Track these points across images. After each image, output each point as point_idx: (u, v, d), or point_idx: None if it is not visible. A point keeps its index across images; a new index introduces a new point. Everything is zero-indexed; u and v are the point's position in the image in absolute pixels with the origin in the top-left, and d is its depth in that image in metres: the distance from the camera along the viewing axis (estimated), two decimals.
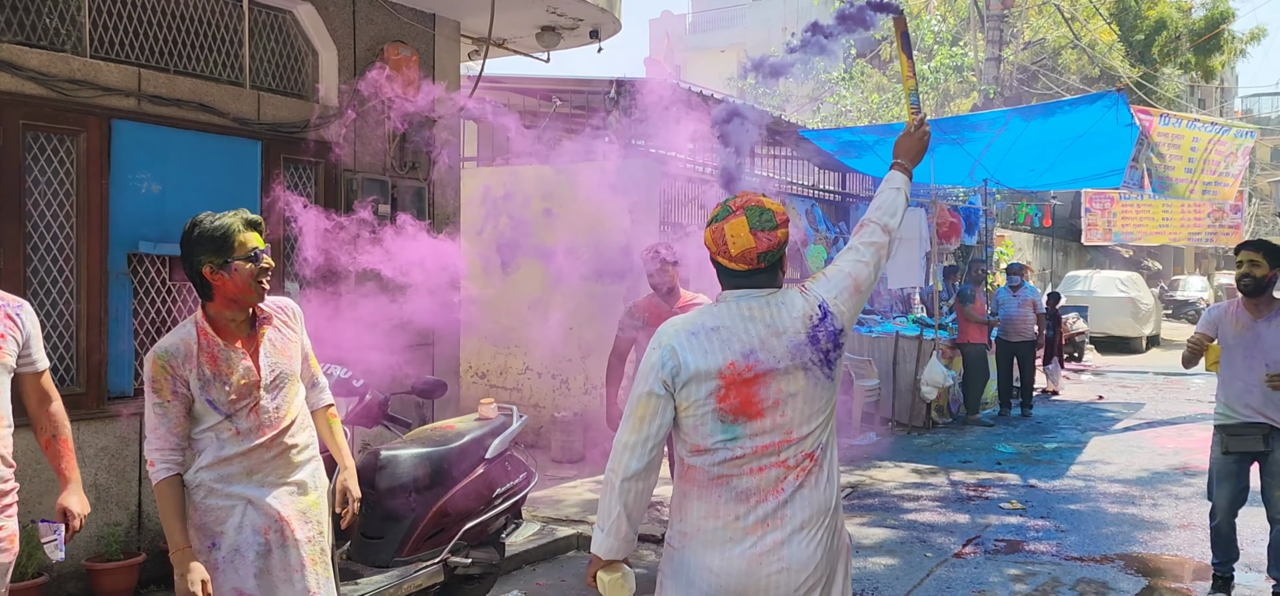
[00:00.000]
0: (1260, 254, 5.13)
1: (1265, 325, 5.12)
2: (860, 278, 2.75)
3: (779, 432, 2.58)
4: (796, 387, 2.59)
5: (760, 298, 2.63)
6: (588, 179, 9.43)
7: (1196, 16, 27.85)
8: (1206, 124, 12.49)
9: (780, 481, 2.58)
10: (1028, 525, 7.17)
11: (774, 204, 2.67)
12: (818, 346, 2.61)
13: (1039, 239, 25.43)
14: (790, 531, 2.57)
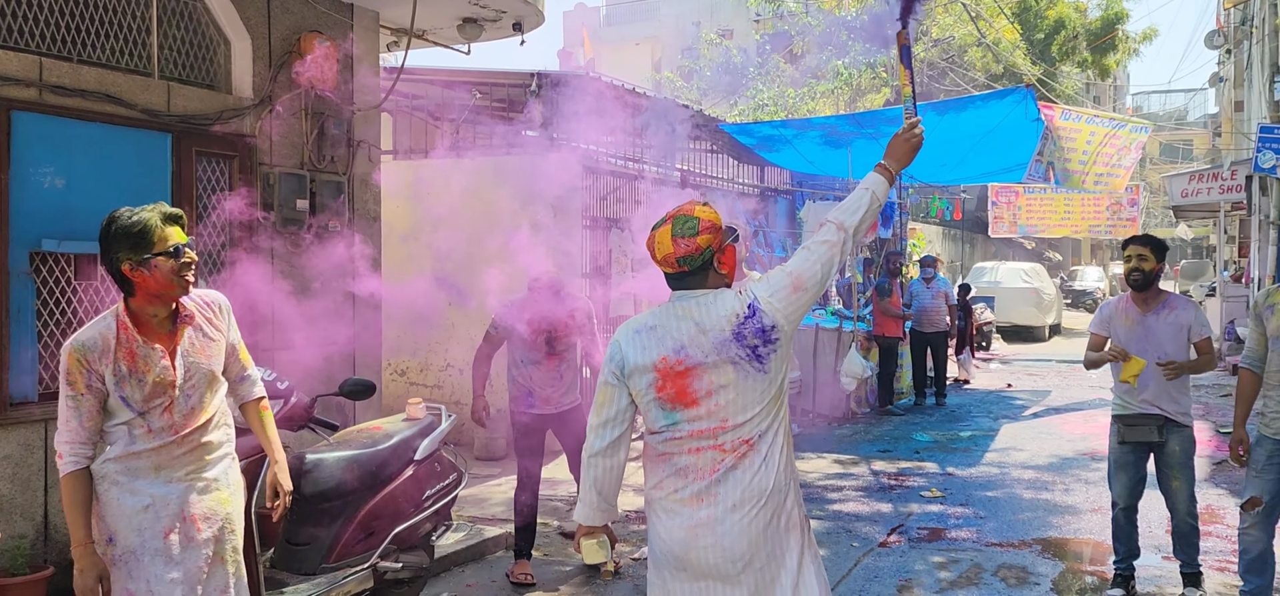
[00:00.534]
0: (1148, 248, 5.29)
1: (1154, 318, 5.27)
2: (804, 275, 2.90)
3: (714, 419, 2.83)
4: (726, 380, 2.81)
5: (694, 298, 2.88)
6: (509, 173, 9.32)
7: (1093, 17, 28.88)
8: (1104, 119, 12.97)
9: (716, 463, 2.83)
10: (948, 512, 7.34)
11: (706, 212, 2.90)
12: (743, 342, 2.82)
13: (949, 231, 26.10)
14: (723, 509, 2.82)
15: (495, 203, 9.28)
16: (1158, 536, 6.51)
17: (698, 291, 2.90)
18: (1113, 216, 18.70)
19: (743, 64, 18.94)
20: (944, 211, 19.26)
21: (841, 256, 2.96)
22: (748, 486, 2.83)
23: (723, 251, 2.93)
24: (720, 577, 2.86)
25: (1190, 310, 5.31)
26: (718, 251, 2.91)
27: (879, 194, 3.05)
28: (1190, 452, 5.30)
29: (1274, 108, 14.37)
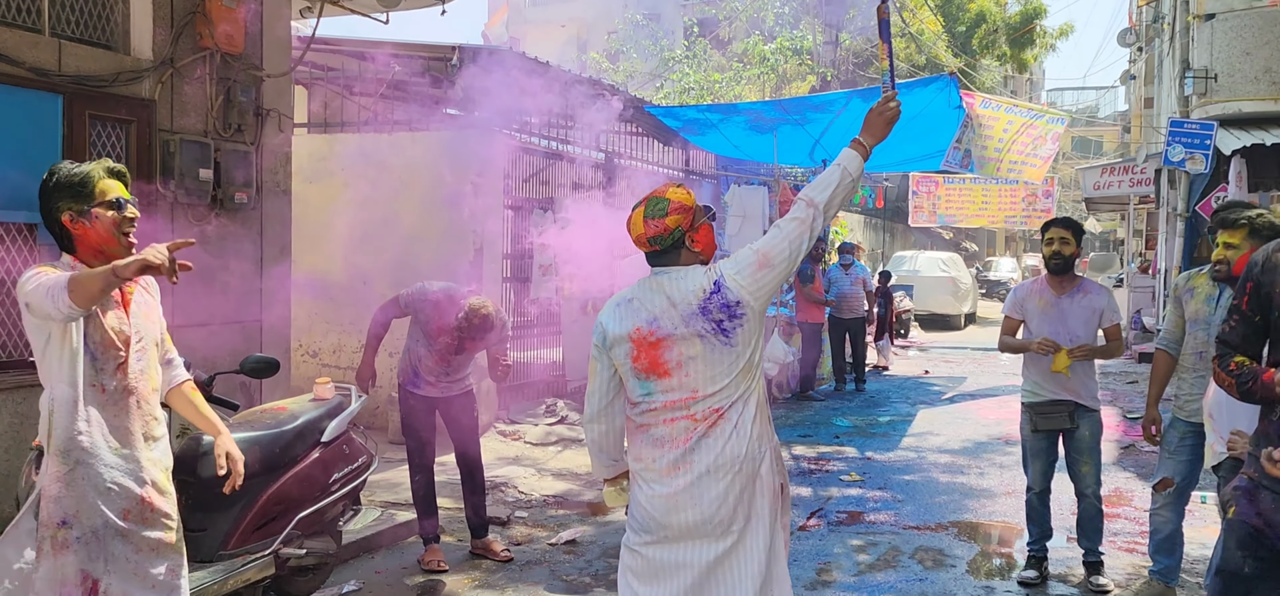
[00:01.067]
0: (1069, 232, 5.33)
1: (1068, 301, 5.32)
2: (772, 252, 3.02)
3: (685, 390, 3.00)
4: (695, 351, 2.98)
5: (668, 273, 3.06)
6: (428, 149, 9.08)
7: (1012, 12, 29.48)
8: (1022, 109, 13.17)
9: (689, 432, 3.00)
10: (867, 496, 7.36)
11: (678, 194, 3.08)
12: (709, 316, 2.98)
13: (870, 220, 26.43)
14: (696, 476, 2.98)
15: (413, 179, 9.03)
16: (1069, 518, 6.61)
17: (672, 268, 3.06)
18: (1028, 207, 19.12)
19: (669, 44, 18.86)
20: (867, 199, 19.48)
21: (813, 233, 3.05)
22: (720, 453, 2.98)
23: (696, 230, 3.09)
24: (701, 536, 3.01)
25: (1104, 296, 5.36)
26: (689, 230, 3.07)
27: (851, 169, 3.11)
28: (1099, 437, 5.37)
29: (1184, 103, 14.80)
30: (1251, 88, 13.71)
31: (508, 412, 9.54)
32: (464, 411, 5.86)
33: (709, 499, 2.98)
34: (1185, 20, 15.54)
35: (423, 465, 5.77)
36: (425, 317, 5.57)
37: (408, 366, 5.72)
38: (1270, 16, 13.74)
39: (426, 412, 5.76)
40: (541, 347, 10.57)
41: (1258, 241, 4.04)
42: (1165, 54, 19.82)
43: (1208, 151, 13.22)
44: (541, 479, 7.89)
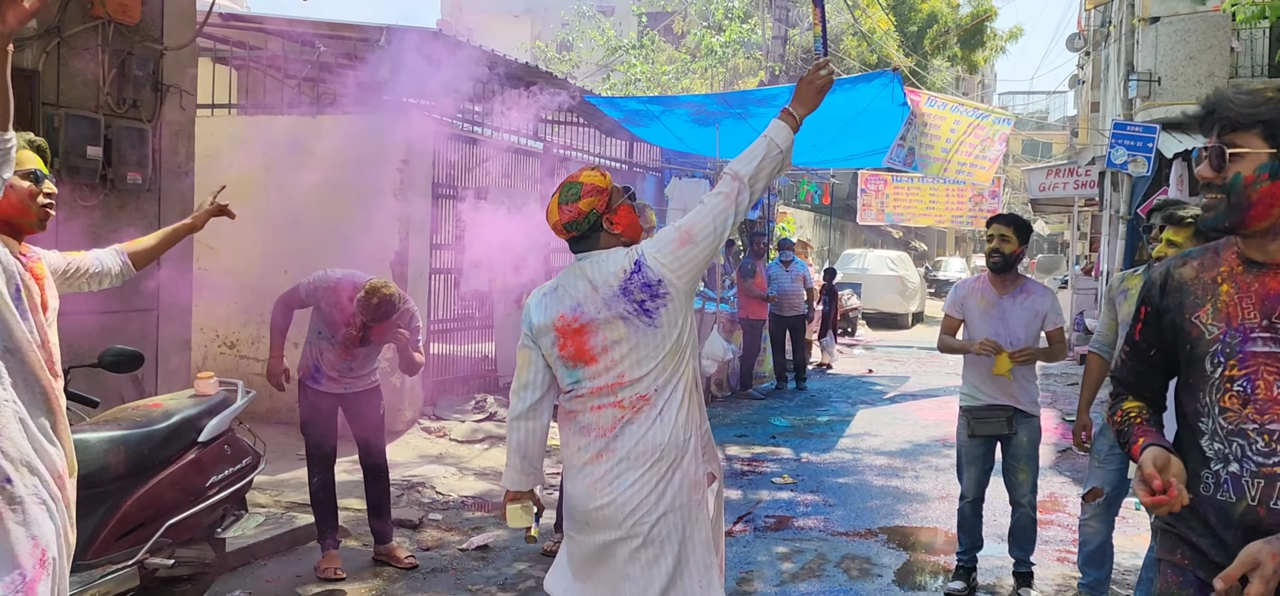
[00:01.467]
0: (1011, 229, 5.10)
1: (1010, 302, 5.09)
2: (695, 228, 2.93)
3: (612, 375, 2.92)
4: (619, 335, 2.90)
5: (589, 257, 2.98)
6: (353, 133, 8.69)
7: (964, 13, 29.56)
8: (969, 108, 13.08)
9: (616, 420, 2.92)
10: (798, 500, 7.14)
11: (591, 176, 3.01)
12: (630, 297, 2.89)
13: (818, 217, 26.35)
14: (616, 462, 2.91)
15: (338, 164, 8.64)
16: (1002, 525, 6.43)
17: (593, 251, 2.99)
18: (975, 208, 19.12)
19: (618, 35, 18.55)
20: (813, 195, 19.32)
21: (738, 207, 2.96)
22: (641, 440, 2.90)
23: (614, 212, 3.00)
24: (614, 528, 2.93)
25: (1047, 298, 5.13)
26: (606, 213, 2.98)
27: (779, 141, 3.00)
28: (1037, 443, 5.16)
29: (1128, 105, 14.82)
30: (1194, 91, 13.73)
31: (434, 408, 9.20)
32: (369, 408, 5.53)
33: (625, 485, 2.91)
34: (1130, 23, 15.57)
35: (323, 466, 5.45)
36: (327, 307, 5.23)
37: (308, 360, 5.39)
38: (1213, 21, 13.78)
39: (328, 410, 5.44)
40: (471, 341, 10.23)
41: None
42: (1111, 57, 19.92)
43: (1150, 154, 13.21)
44: (463, 478, 7.57)
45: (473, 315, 10.46)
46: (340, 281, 5.24)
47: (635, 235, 3.06)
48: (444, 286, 9.74)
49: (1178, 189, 12.99)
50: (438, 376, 9.60)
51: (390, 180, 8.55)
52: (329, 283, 5.24)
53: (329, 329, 5.25)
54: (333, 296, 5.20)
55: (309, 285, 5.28)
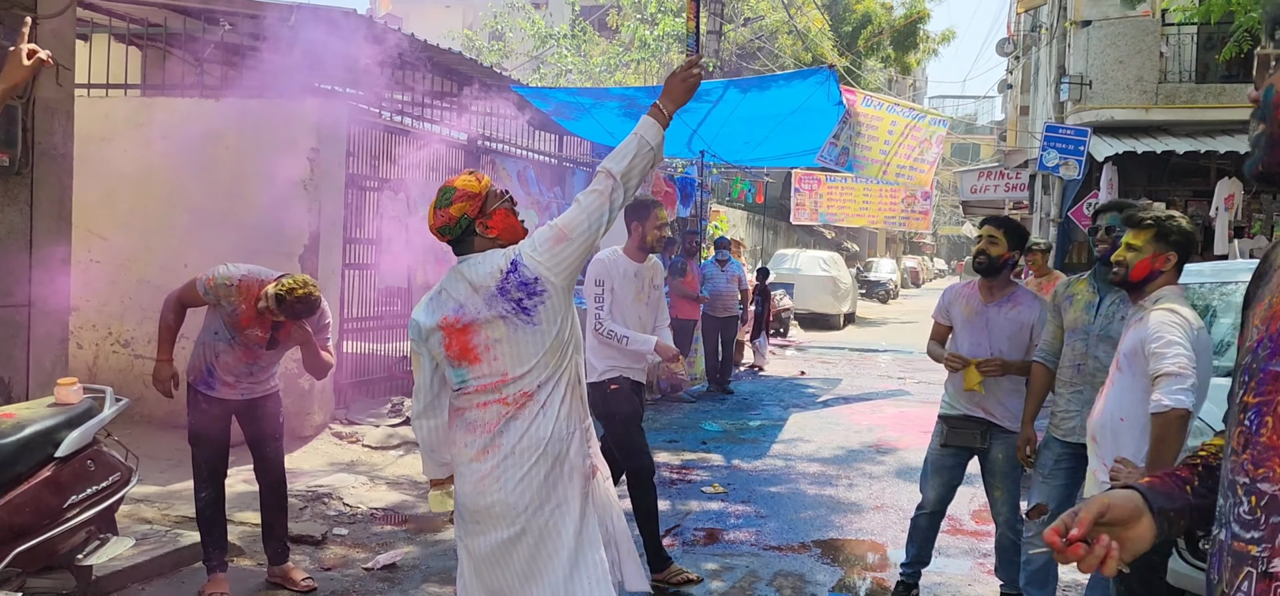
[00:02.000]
0: (1001, 231, 4.76)
1: (995, 310, 4.78)
2: (570, 227, 2.99)
3: (496, 373, 2.99)
4: (500, 334, 2.97)
5: (468, 260, 3.06)
6: (261, 117, 8.14)
7: (897, 15, 29.68)
8: (904, 108, 12.93)
9: (500, 416, 2.98)
10: (729, 511, 6.81)
11: (464, 181, 3.07)
12: (507, 297, 2.95)
13: (752, 216, 26.19)
14: (501, 458, 2.96)
15: (245, 150, 8.10)
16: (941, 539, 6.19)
17: (471, 254, 3.06)
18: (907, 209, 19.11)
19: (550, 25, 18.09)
20: (747, 194, 19.11)
21: (613, 205, 3.02)
22: (525, 434, 2.96)
23: (489, 217, 3.07)
24: (505, 525, 2.98)
25: (1036, 308, 4.77)
26: (479, 217, 3.05)
27: (650, 137, 3.07)
28: (1015, 461, 4.79)
29: (1059, 108, 14.83)
30: (1124, 95, 13.78)
31: (346, 412, 8.69)
32: (268, 417, 5.06)
33: (512, 481, 2.97)
34: (1062, 26, 15.61)
35: (213, 480, 4.96)
36: (231, 305, 4.74)
37: (200, 364, 4.90)
38: (1144, 26, 13.84)
39: (221, 419, 4.95)
40: (388, 341, 9.73)
41: (1163, 247, 3.55)
42: (1042, 61, 20.06)
43: (1081, 157, 13.21)
44: (374, 488, 7.09)
45: (390, 313, 9.96)
46: (246, 278, 4.77)
47: (513, 237, 3.11)
48: (359, 282, 9.23)
49: (1109, 192, 13.01)
50: (351, 378, 9.09)
51: (300, 169, 8.02)
52: (232, 279, 4.75)
53: (230, 329, 4.77)
54: (238, 293, 4.72)
55: (209, 281, 4.79)
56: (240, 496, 6.27)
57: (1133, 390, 3.43)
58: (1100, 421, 3.52)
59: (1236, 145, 12.44)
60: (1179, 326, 3.32)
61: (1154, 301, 3.50)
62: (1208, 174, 13.12)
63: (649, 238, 5.28)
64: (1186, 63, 14.09)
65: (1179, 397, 3.16)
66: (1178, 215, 3.62)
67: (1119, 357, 3.54)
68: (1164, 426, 3.19)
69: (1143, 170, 13.79)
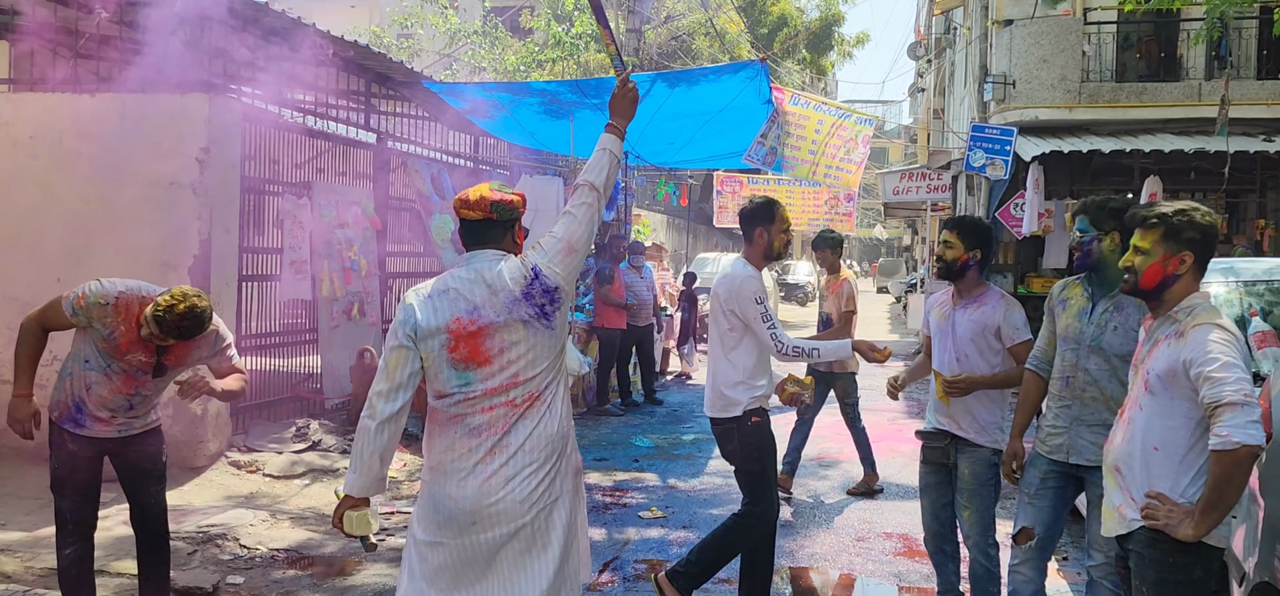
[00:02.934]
0: (955, 233, 4.43)
1: (961, 312, 4.43)
2: (573, 238, 3.17)
3: (506, 376, 3.02)
4: (518, 337, 3.03)
5: (484, 259, 3.11)
6: (143, 115, 7.33)
7: (811, 17, 29.69)
8: (831, 108, 12.62)
9: (508, 418, 3.03)
10: (669, 538, 6.28)
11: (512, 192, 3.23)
12: (533, 302, 3.05)
13: (672, 220, 25.79)
14: (510, 458, 3.01)
15: (124, 152, 7.29)
16: (900, 565, 5.77)
17: (487, 253, 3.12)
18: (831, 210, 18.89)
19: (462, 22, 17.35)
20: (671, 197, 18.67)
21: (598, 216, 3.24)
22: (533, 433, 3.04)
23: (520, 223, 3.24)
24: (506, 521, 3.02)
25: (999, 308, 4.40)
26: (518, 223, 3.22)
27: (615, 151, 3.34)
28: (984, 478, 4.39)
29: (982, 109, 14.72)
30: (1048, 95, 13.71)
31: (245, 438, 7.90)
32: (148, 456, 4.38)
33: (520, 479, 3.03)
34: (984, 26, 15.54)
35: (79, 533, 4.26)
36: (106, 327, 4.04)
37: (66, 399, 4.18)
38: (1066, 25, 13.80)
39: (91, 462, 4.25)
40: (292, 357, 8.96)
41: (1175, 247, 3.12)
42: (958, 63, 20.09)
43: (1007, 157, 13.08)
44: (276, 525, 6.37)
45: (294, 327, 9.19)
46: (124, 294, 4.07)
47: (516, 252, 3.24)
48: (258, 295, 8.46)
49: (1035, 192, 12.90)
50: (251, 400, 8.30)
51: (188, 172, 7.24)
52: (107, 296, 4.05)
53: (105, 356, 4.06)
54: (115, 314, 4.02)
55: (78, 299, 4.08)
56: (116, 542, 5.51)
57: (1168, 417, 2.97)
58: (1126, 451, 3.06)
59: (1160, 144, 12.45)
60: (1234, 346, 2.88)
61: (1188, 313, 3.05)
62: (1131, 173, 13.11)
63: (776, 243, 4.71)
64: (1107, 61, 14.11)
65: (1250, 432, 2.73)
66: (1192, 207, 3.16)
67: (1147, 378, 3.06)
68: (1232, 466, 2.75)
69: (1066, 170, 13.75)
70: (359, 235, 9.52)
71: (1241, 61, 13.38)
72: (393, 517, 6.66)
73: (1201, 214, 3.14)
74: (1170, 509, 2.88)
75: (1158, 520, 2.90)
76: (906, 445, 9.25)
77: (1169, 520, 2.88)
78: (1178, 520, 2.87)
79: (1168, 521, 2.88)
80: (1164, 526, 2.88)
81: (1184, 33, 14.02)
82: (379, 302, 9.86)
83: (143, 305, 4.05)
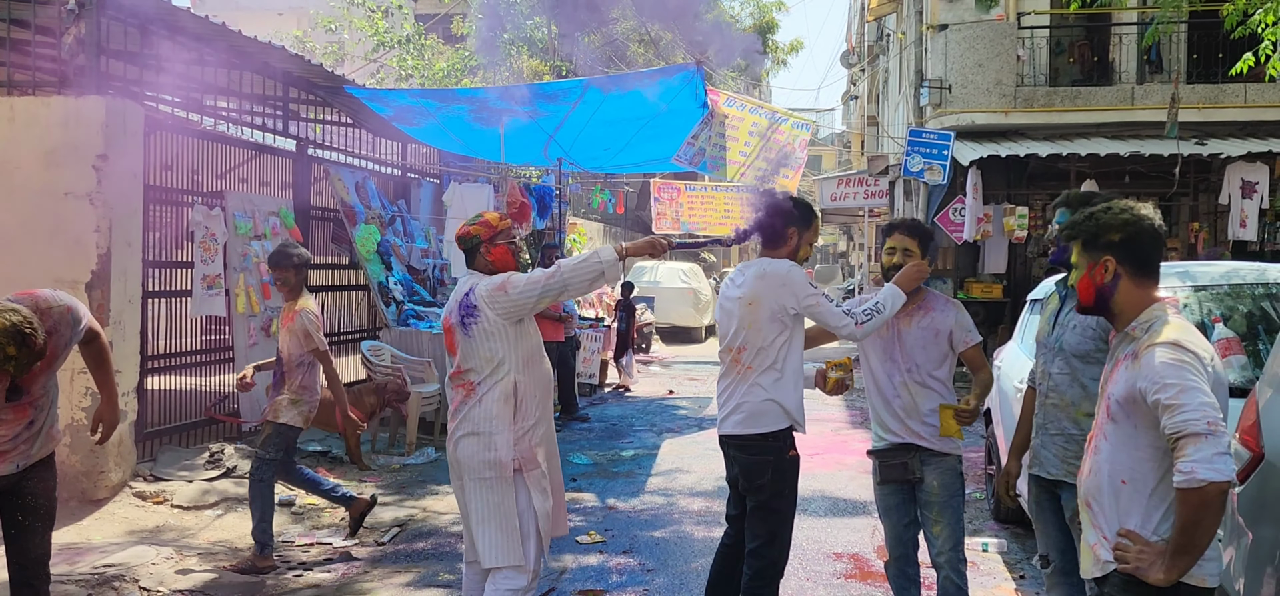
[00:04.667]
0: (911, 238, 4.14)
1: (907, 322, 4.12)
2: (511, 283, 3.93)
3: (458, 365, 4.01)
4: (459, 337, 3.98)
5: (465, 275, 4.11)
6: (33, 120, 6.76)
7: (746, 23, 29.58)
8: (767, 111, 12.42)
9: (460, 397, 3.99)
10: (609, 565, 5.91)
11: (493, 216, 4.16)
12: (460, 311, 3.97)
13: (608, 229, 25.43)
14: (459, 427, 3.97)
15: (12, 159, 6.71)
16: (853, 589, 5.47)
17: (470, 270, 4.08)
18: None
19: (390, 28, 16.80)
20: (607, 204, 18.31)
21: (548, 291, 3.87)
22: (467, 415, 3.94)
23: (492, 247, 4.04)
24: (455, 475, 4.04)
25: (950, 311, 4.14)
26: (486, 243, 4.04)
27: (604, 257, 3.89)
28: (954, 489, 4.12)
29: (919, 114, 14.65)
30: (984, 99, 13.67)
31: (152, 466, 7.35)
32: (42, 488, 3.93)
33: (462, 444, 3.94)
34: (919, 30, 15.49)
35: None
36: None
37: None
38: (1000, 29, 13.78)
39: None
40: (204, 376, 8.40)
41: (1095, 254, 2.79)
42: (892, 69, 20.10)
43: (945, 162, 13.00)
44: (182, 561, 5.86)
45: (206, 346, 8.63)
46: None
47: (504, 268, 4.01)
48: (167, 311, 7.90)
49: (973, 196, 12.84)
50: (160, 424, 7.75)
51: (83, 181, 6.69)
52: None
53: None
54: None
55: None
56: None
57: (1134, 446, 2.61)
58: (1094, 483, 2.72)
59: (1095, 148, 12.46)
60: (1191, 368, 2.51)
61: (1146, 329, 2.68)
62: (1067, 176, 13.12)
63: (802, 253, 4.23)
64: (1041, 66, 14.13)
65: (1217, 467, 2.37)
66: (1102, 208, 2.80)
67: (1109, 404, 2.71)
68: (1200, 505, 2.41)
69: (1002, 174, 13.72)
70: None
71: (1172, 65, 13.48)
72: (312, 550, 6.20)
73: (1114, 212, 2.77)
74: (1140, 549, 2.55)
75: (1129, 562, 2.58)
76: (851, 457, 9.01)
77: (1140, 562, 2.55)
78: (1149, 562, 2.54)
79: (1139, 564, 2.55)
80: (1134, 570, 2.56)
81: (1115, 36, 14.10)
82: None
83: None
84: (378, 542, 6.33)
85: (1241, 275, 4.86)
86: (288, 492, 7.35)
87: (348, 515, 6.27)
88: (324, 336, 5.91)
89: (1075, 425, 3.53)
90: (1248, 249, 12.22)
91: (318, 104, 10.18)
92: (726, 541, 4.42)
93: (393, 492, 7.63)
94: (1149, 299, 2.73)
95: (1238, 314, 4.62)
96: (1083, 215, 2.84)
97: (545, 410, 4.04)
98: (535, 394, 3.96)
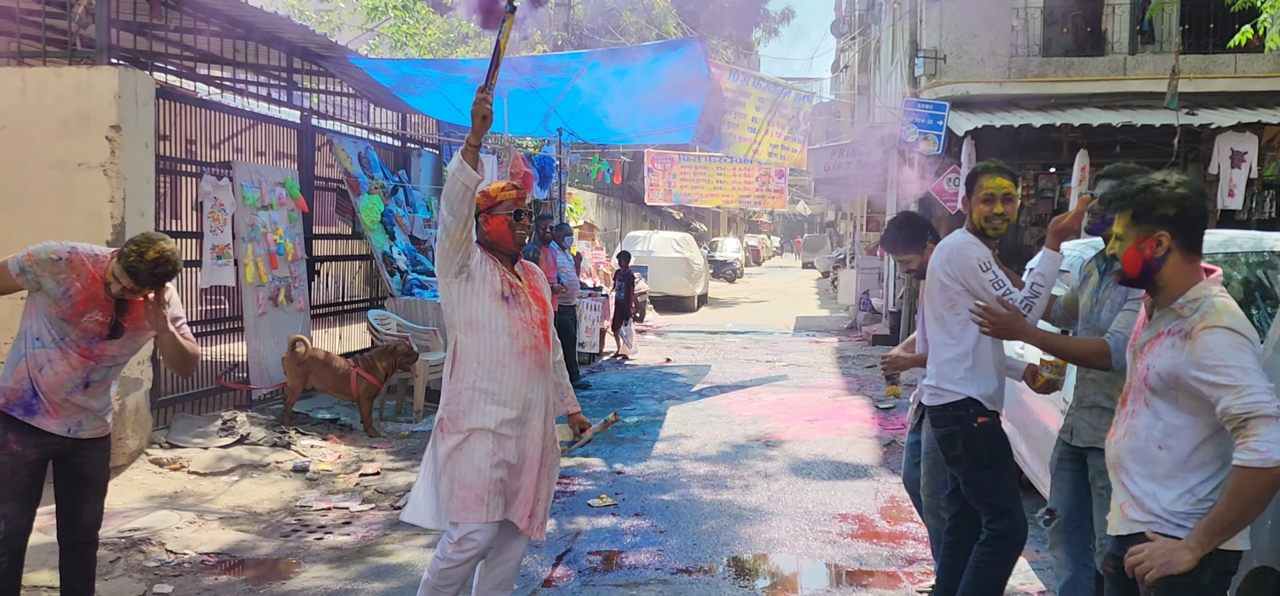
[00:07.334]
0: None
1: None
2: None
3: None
4: None
5: None
6: (43, 90, 6.81)
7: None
8: (769, 84, 12.52)
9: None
10: (622, 527, 6.07)
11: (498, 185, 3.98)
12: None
13: (601, 198, 25.51)
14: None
15: (23, 130, 6.76)
16: (856, 546, 5.64)
17: None
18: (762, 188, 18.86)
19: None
20: (604, 174, 18.39)
21: (445, 230, 3.67)
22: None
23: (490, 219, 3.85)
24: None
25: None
26: (485, 213, 3.85)
27: (452, 167, 3.60)
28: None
29: (913, 84, 14.74)
30: (978, 70, 13.77)
31: (167, 433, 7.47)
32: (97, 463, 4.05)
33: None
34: (914, 1, 15.54)
35: (10, 545, 3.87)
36: (60, 286, 3.72)
37: (17, 384, 3.81)
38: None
39: (37, 464, 3.89)
40: (215, 344, 8.51)
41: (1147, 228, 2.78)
42: (885, 39, 20.15)
43: (940, 132, 13.11)
44: (203, 527, 5.99)
45: (216, 313, 8.73)
46: (76, 250, 3.82)
47: (499, 239, 3.87)
48: (177, 282, 7.97)
49: (968, 165, 12.94)
50: (172, 393, 7.86)
51: (97, 151, 6.75)
52: (59, 253, 3.76)
53: (59, 323, 3.74)
54: (67, 270, 3.70)
55: (27, 257, 3.75)
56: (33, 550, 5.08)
57: (1173, 415, 2.69)
58: (1128, 446, 2.78)
59: (1089, 118, 12.58)
60: (1249, 350, 2.56)
61: (1196, 310, 2.67)
62: (1060, 147, 13.25)
63: (976, 216, 4.00)
64: (1035, 37, 14.23)
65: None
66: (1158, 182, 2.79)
67: (1147, 372, 2.75)
68: (1266, 485, 2.47)
69: (995, 144, 13.83)
70: (284, 217, 9.08)
71: (1164, 36, 13.61)
72: (330, 514, 6.34)
73: (1170, 186, 2.77)
74: (1153, 551, 2.64)
75: (1151, 570, 2.67)
76: (851, 423, 9.19)
77: (1164, 561, 2.59)
78: (1166, 555, 2.60)
79: (1165, 564, 2.59)
80: (1161, 573, 2.64)
81: (1108, 7, 14.20)
82: (307, 287, 9.43)
83: (95, 263, 3.76)
84: (394, 506, 6.47)
85: (1238, 243, 5.00)
86: (302, 458, 7.49)
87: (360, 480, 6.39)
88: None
89: (1108, 399, 3.59)
90: (1235, 218, 12.40)
91: (320, 74, 10.22)
92: None
93: (403, 458, 7.76)
94: (1196, 274, 2.73)
95: (1234, 281, 4.77)
96: (1134, 186, 2.81)
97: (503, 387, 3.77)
98: (477, 358, 3.76)
